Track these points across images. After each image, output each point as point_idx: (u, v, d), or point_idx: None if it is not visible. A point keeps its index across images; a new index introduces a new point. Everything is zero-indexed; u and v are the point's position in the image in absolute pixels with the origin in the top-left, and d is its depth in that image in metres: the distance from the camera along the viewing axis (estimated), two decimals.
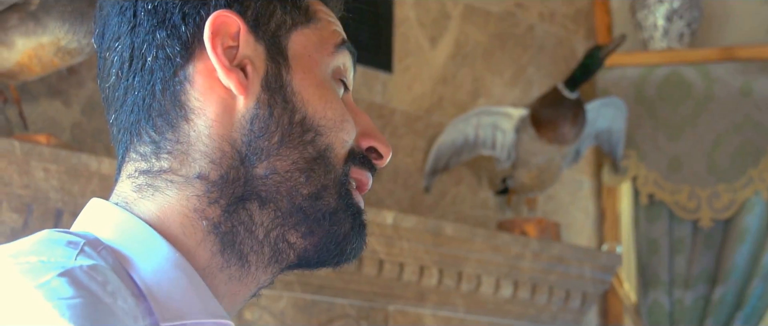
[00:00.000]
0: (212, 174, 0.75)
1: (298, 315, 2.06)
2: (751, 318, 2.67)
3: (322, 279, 2.09)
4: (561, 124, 2.37)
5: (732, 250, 2.69)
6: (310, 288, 2.08)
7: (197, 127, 0.76)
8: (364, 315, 2.17)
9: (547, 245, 2.41)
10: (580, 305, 2.52)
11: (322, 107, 0.78)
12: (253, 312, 1.99)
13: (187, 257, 0.74)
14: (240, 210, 0.76)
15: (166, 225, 0.75)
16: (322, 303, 2.11)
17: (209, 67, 0.76)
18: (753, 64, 2.75)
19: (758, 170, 2.70)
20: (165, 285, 0.71)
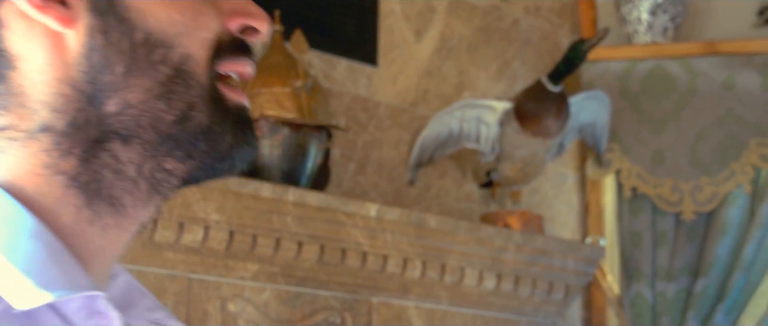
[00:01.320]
0: (58, 123, 0.67)
1: (281, 308, 2.07)
2: (733, 310, 2.69)
3: (305, 271, 2.10)
4: (544, 118, 2.39)
5: (714, 243, 2.71)
6: (294, 280, 2.09)
7: (28, 75, 0.67)
8: (348, 307, 2.18)
9: (531, 238, 2.42)
10: (563, 297, 2.54)
11: (165, 12, 0.68)
12: (236, 304, 2.00)
13: (48, 219, 0.66)
14: (100, 154, 0.68)
15: (17, 188, 0.67)
16: (305, 295, 2.12)
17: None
18: (736, 58, 2.77)
19: (740, 163, 2.72)
20: (20, 261, 0.63)
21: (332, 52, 2.45)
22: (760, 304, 2.72)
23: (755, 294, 2.72)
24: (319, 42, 2.39)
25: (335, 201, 2.09)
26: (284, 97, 2.12)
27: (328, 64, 2.44)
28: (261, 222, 2.00)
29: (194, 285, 1.96)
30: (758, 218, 2.69)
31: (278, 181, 2.09)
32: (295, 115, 2.10)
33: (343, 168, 2.43)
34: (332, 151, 2.37)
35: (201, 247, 1.95)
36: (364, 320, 2.21)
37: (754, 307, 2.72)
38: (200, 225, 1.93)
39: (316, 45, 2.39)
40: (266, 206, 2.00)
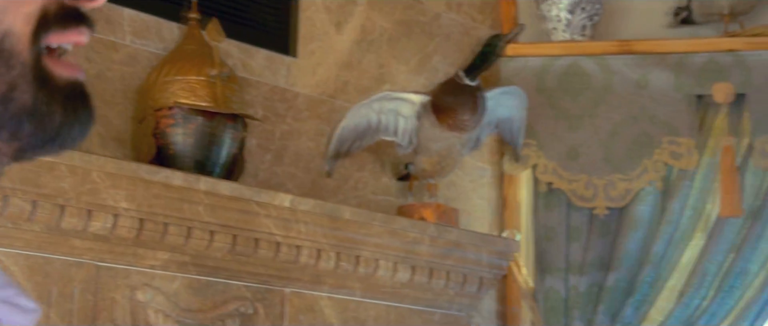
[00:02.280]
0: None
1: (192, 297, 2.07)
2: (642, 304, 2.75)
3: (217, 260, 2.09)
4: (460, 112, 2.41)
5: (625, 238, 2.77)
6: (205, 269, 2.08)
7: None
8: (260, 297, 2.18)
9: (445, 230, 2.44)
10: (477, 290, 2.57)
11: None
12: (145, 293, 1.99)
13: None
14: None
15: None
16: (217, 285, 2.12)
17: None
18: (649, 57, 2.83)
19: (652, 161, 2.78)
20: None
21: (251, 42, 2.44)
22: (669, 298, 2.78)
23: (664, 289, 2.78)
24: (237, 32, 2.39)
25: (248, 191, 2.09)
26: (198, 85, 2.11)
27: (246, 53, 2.43)
28: (172, 211, 1.99)
29: (102, 273, 1.94)
30: (668, 214, 2.76)
31: (191, 170, 2.08)
32: (209, 104, 2.09)
33: (259, 159, 2.42)
34: (249, 141, 2.37)
35: (109, 235, 1.93)
36: (276, 310, 2.21)
37: (663, 301, 2.79)
38: (109, 213, 1.91)
39: (234, 34, 2.38)
40: (177, 194, 1.99)
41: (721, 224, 2.74)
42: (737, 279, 2.73)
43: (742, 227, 2.75)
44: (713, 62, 2.80)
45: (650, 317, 2.77)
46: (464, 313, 2.59)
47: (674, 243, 2.78)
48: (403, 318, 2.43)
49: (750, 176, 2.77)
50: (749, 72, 2.78)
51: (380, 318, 2.38)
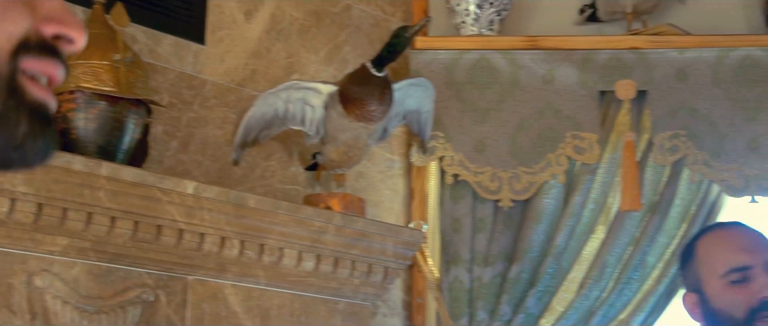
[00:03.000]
0: None
1: (92, 284, 2.04)
2: (544, 295, 2.80)
3: (118, 247, 2.07)
4: (368, 102, 2.42)
5: (529, 230, 2.82)
6: (106, 256, 2.06)
7: None
8: (162, 284, 2.17)
9: (351, 220, 2.46)
10: (382, 280, 2.59)
11: None
12: (43, 279, 1.96)
13: None
14: None
15: None
16: (118, 272, 2.10)
17: None
18: (556, 53, 2.88)
19: (556, 155, 2.83)
20: None
21: (158, 27, 2.42)
22: (570, 290, 2.84)
23: (566, 280, 2.84)
24: (144, 17, 2.37)
25: (151, 177, 2.07)
26: (102, 69, 2.09)
27: (153, 39, 2.41)
28: (72, 196, 1.96)
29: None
30: (570, 207, 2.81)
31: (93, 155, 2.05)
32: (112, 89, 2.07)
33: (165, 146, 2.41)
34: (154, 128, 2.35)
35: (7, 219, 1.90)
36: (178, 298, 2.20)
37: (565, 293, 2.85)
38: (6, 197, 1.88)
39: (141, 20, 2.36)
40: (78, 179, 1.96)
41: (622, 217, 2.81)
42: (636, 271, 2.80)
43: (642, 221, 2.82)
44: (617, 59, 2.87)
45: (552, 308, 2.83)
46: (369, 303, 2.61)
47: (576, 235, 2.84)
48: (308, 307, 2.44)
49: (650, 171, 2.84)
50: (651, 70, 2.85)
51: (284, 306, 2.39)
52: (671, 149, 2.81)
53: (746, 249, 1.76)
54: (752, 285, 1.72)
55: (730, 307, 1.73)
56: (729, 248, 1.78)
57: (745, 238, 1.80)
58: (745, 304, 1.71)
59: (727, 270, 1.75)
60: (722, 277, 1.76)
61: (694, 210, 2.82)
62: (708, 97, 2.83)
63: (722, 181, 2.78)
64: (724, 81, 2.83)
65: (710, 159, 2.79)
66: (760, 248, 1.77)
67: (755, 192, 2.77)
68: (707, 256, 1.80)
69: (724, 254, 1.78)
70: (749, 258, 1.74)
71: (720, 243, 1.82)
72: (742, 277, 1.74)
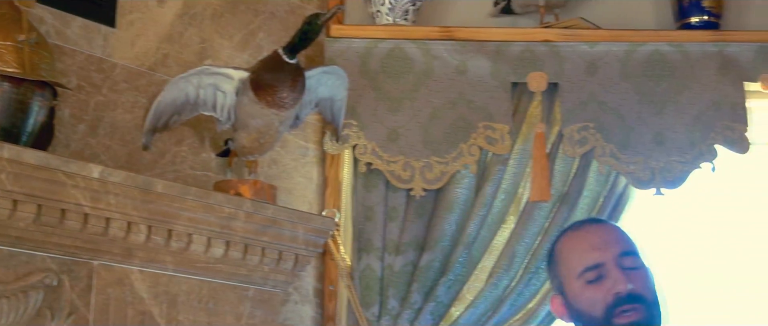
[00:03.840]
0: None
1: None
2: (455, 284, 2.83)
3: (20, 230, 2.04)
4: (279, 89, 2.42)
5: (441, 219, 2.84)
6: (8, 239, 2.03)
7: None
8: (67, 269, 2.14)
9: (261, 206, 2.45)
10: (293, 267, 2.59)
11: None
12: None
13: None
14: None
15: None
16: (20, 256, 2.06)
17: None
18: (470, 44, 2.91)
19: (468, 145, 2.86)
20: None
21: (67, 9, 2.38)
22: (480, 279, 2.88)
23: (476, 270, 2.88)
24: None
25: (55, 161, 2.04)
26: (6, 50, 2.05)
27: (61, 20, 2.37)
28: None
29: None
30: (482, 197, 2.85)
31: None
32: (15, 70, 2.03)
33: (72, 129, 2.37)
34: (62, 111, 2.32)
35: None
36: (83, 283, 2.17)
37: (475, 282, 2.88)
38: None
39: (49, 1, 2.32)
40: None
41: (532, 208, 2.85)
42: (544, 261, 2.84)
43: (551, 211, 2.87)
44: (529, 51, 2.91)
45: (462, 296, 2.86)
46: (280, 290, 2.60)
47: (487, 225, 2.87)
48: (217, 293, 2.43)
49: (560, 162, 2.89)
50: (562, 62, 2.90)
51: (192, 292, 2.37)
52: (580, 141, 2.86)
53: (597, 247, 1.79)
54: (606, 282, 1.75)
55: (589, 307, 1.76)
56: (582, 247, 1.81)
57: (596, 236, 1.82)
58: (602, 302, 1.74)
59: (581, 270, 1.78)
60: (579, 278, 1.78)
61: (602, 201, 2.88)
62: (617, 90, 2.88)
63: (629, 173, 2.84)
64: (633, 75, 2.89)
65: (618, 151, 2.85)
66: (610, 244, 1.79)
67: (660, 185, 2.83)
68: (564, 258, 1.84)
69: (578, 254, 1.81)
70: (600, 255, 1.77)
71: (574, 243, 1.85)
72: (596, 275, 1.76)
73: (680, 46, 2.90)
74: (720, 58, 2.89)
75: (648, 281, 1.78)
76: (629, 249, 1.80)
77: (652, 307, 1.75)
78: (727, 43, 2.89)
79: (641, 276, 1.77)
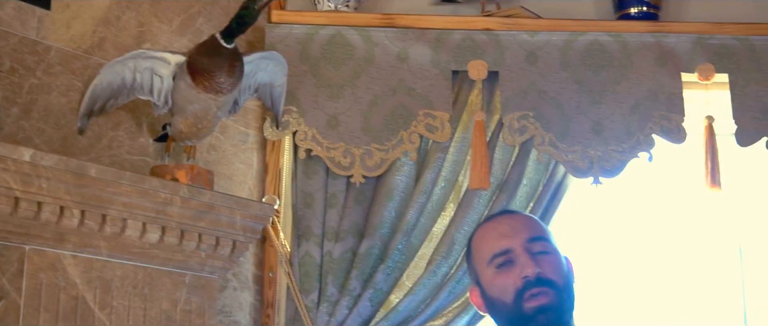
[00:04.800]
0: None
1: None
2: (394, 271, 2.84)
3: None
4: (216, 74, 2.40)
5: (380, 207, 2.84)
6: None
7: None
8: None
9: (197, 192, 2.44)
10: (231, 253, 2.57)
11: None
12: None
13: None
14: None
15: None
16: None
17: None
18: (411, 32, 2.91)
19: (408, 132, 2.87)
20: None
21: None
22: (419, 266, 2.89)
23: (415, 257, 2.88)
24: None
25: None
26: None
27: None
28: None
29: None
30: (421, 185, 2.85)
31: None
32: None
33: (5, 112, 2.34)
34: None
35: None
36: (14, 268, 2.14)
37: (414, 269, 2.89)
38: None
39: None
40: None
41: (471, 196, 2.87)
42: None
43: (490, 199, 2.88)
44: (470, 40, 2.92)
45: (401, 284, 2.87)
46: (217, 276, 2.59)
47: (427, 212, 2.88)
48: (152, 279, 2.41)
49: (499, 151, 2.91)
50: (502, 51, 2.91)
51: (127, 278, 2.35)
52: (520, 130, 2.87)
53: (505, 235, 1.79)
54: (516, 268, 1.75)
55: (500, 294, 1.76)
56: (491, 236, 1.82)
57: (505, 225, 1.83)
58: (512, 287, 1.74)
59: (491, 257, 1.78)
60: (489, 265, 1.78)
61: (541, 189, 2.90)
62: (556, 79, 2.90)
63: (567, 162, 2.86)
64: (572, 64, 2.91)
65: (556, 140, 2.87)
66: (518, 230, 1.80)
67: (598, 174, 2.86)
68: (476, 248, 1.85)
69: (488, 242, 1.81)
70: (508, 241, 1.78)
71: (485, 233, 1.86)
72: (505, 260, 1.76)
73: (619, 37, 2.93)
74: (658, 48, 2.92)
75: (559, 266, 1.78)
76: (538, 235, 1.81)
77: (562, 292, 1.76)
78: (665, 34, 2.93)
79: (551, 261, 1.77)
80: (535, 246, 1.79)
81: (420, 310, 2.82)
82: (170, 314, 2.45)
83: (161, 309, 2.43)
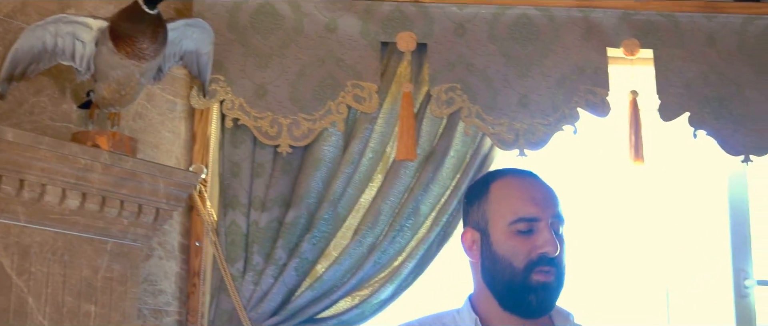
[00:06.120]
0: None
1: None
2: (320, 240, 2.85)
3: None
4: (139, 40, 2.38)
5: (307, 177, 2.85)
6: None
7: None
8: None
9: (119, 159, 2.42)
10: (154, 221, 2.57)
11: None
12: None
13: None
14: None
15: None
16: None
17: None
18: (340, 2, 2.91)
19: (336, 103, 2.87)
20: None
21: None
22: (346, 236, 2.90)
23: (342, 227, 2.89)
24: None
25: None
26: None
27: None
28: None
29: None
30: (349, 155, 2.86)
31: None
32: None
33: None
34: None
35: None
36: None
37: (340, 239, 2.90)
38: None
39: None
40: None
41: (398, 167, 2.88)
42: (409, 219, 2.88)
43: (417, 171, 2.90)
44: (399, 11, 2.92)
45: (327, 253, 2.88)
46: (140, 243, 2.58)
47: (354, 183, 2.89)
48: (72, 246, 2.40)
49: (427, 123, 2.92)
50: (431, 23, 2.92)
51: (46, 244, 2.34)
52: (447, 102, 2.89)
53: (537, 202, 1.78)
54: (535, 238, 1.75)
55: (511, 255, 1.75)
56: (521, 197, 1.79)
57: (539, 191, 1.81)
58: (526, 256, 1.74)
59: (515, 219, 1.76)
60: (510, 224, 1.76)
61: (468, 161, 2.92)
62: (484, 52, 2.92)
63: (494, 135, 2.89)
64: (500, 37, 2.93)
65: (483, 112, 2.89)
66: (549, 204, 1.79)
67: (524, 146, 2.88)
68: (500, 200, 1.80)
69: (516, 202, 1.78)
70: (538, 211, 1.77)
71: (514, 189, 1.81)
72: (528, 228, 1.76)
73: (547, 11, 2.95)
74: (585, 23, 2.95)
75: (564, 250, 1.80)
76: (562, 215, 1.81)
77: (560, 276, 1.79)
78: (592, 9, 2.96)
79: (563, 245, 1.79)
80: (557, 225, 1.79)
81: (345, 280, 2.84)
82: (91, 281, 2.43)
83: (82, 276, 2.42)
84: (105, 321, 2.44)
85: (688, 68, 2.94)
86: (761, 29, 2.98)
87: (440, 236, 2.89)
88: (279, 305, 2.80)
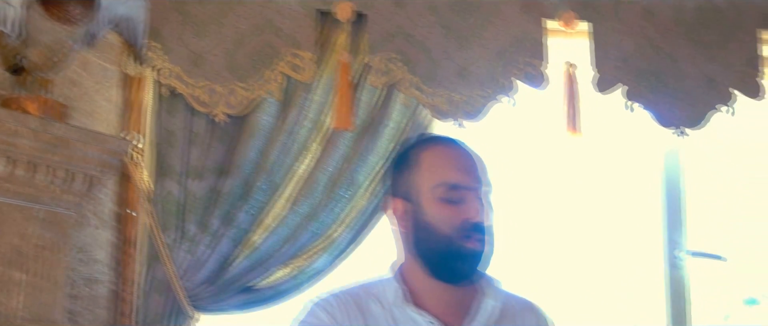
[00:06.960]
0: None
1: None
2: (255, 209, 2.84)
3: None
4: (70, 4, 2.35)
5: (244, 146, 2.84)
6: None
7: None
8: None
9: (49, 125, 2.39)
10: (86, 188, 2.53)
11: None
12: None
13: None
14: None
15: None
16: None
17: None
18: None
19: (273, 72, 2.86)
20: None
21: None
22: (283, 206, 2.89)
23: (277, 196, 2.88)
24: None
25: None
26: None
27: None
28: None
29: None
30: (285, 124, 2.85)
31: None
32: None
33: None
34: None
35: None
36: None
37: (276, 208, 2.89)
38: None
39: None
40: None
41: (335, 136, 2.88)
42: (346, 189, 2.88)
43: (354, 140, 2.90)
44: None
45: (262, 222, 2.87)
46: (72, 211, 2.55)
47: (291, 152, 2.88)
48: (2, 212, 2.36)
49: (365, 93, 2.92)
50: None
51: None
52: (386, 72, 2.89)
53: (465, 170, 1.78)
54: (465, 207, 1.76)
55: (439, 222, 1.76)
56: (449, 164, 1.79)
57: (466, 160, 1.82)
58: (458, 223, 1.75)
59: (443, 184, 1.77)
60: (435, 189, 1.77)
61: (405, 131, 2.92)
62: (424, 24, 2.92)
63: (432, 106, 2.89)
64: (440, 9, 2.93)
65: (422, 83, 2.89)
66: (476, 172, 1.81)
67: (461, 117, 2.89)
68: (427, 165, 1.80)
69: (445, 169, 1.78)
70: (467, 179, 1.77)
71: (442, 157, 1.82)
72: (457, 197, 1.77)
73: None
74: None
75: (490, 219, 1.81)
76: (490, 184, 1.82)
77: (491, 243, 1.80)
78: None
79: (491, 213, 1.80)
80: (487, 194, 1.80)
81: (281, 249, 2.83)
82: (21, 249, 2.40)
83: (11, 243, 2.39)
84: (35, 289, 2.42)
85: (625, 41, 2.96)
86: (698, 3, 3.01)
87: (376, 206, 2.89)
88: (214, 274, 2.79)
